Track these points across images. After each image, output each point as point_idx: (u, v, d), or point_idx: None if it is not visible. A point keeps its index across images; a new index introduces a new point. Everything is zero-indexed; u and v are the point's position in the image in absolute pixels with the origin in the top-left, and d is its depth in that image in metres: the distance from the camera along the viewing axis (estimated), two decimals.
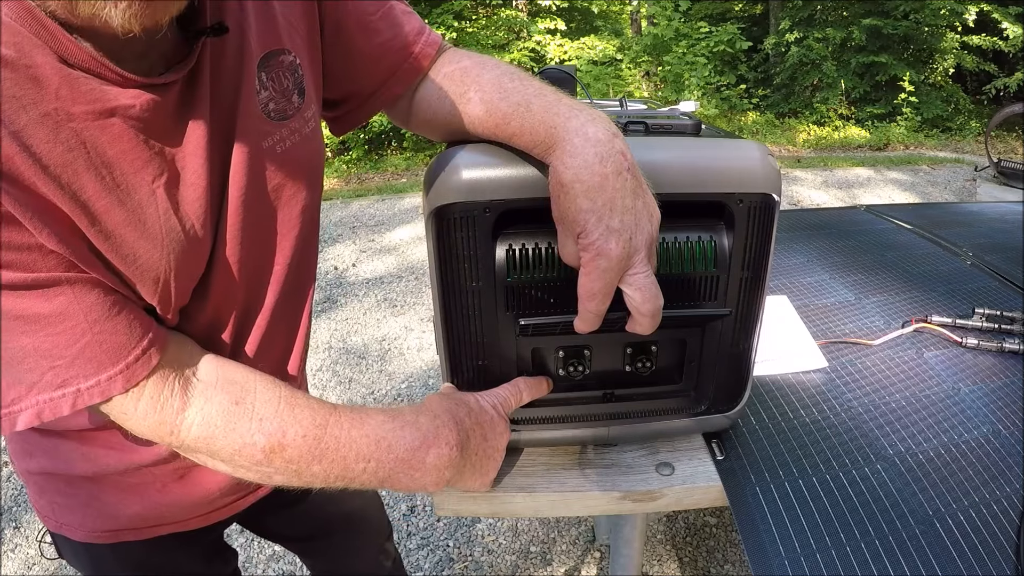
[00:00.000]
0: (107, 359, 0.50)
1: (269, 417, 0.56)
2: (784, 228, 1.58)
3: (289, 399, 0.58)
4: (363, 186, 6.52)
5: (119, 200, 0.50)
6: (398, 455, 0.59)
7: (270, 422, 0.56)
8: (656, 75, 9.07)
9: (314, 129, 0.66)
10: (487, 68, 0.66)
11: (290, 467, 0.57)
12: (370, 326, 3.33)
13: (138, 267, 0.52)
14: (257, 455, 0.56)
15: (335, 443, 0.57)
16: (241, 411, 0.56)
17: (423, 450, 0.60)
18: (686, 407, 0.76)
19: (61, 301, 0.48)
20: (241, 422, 0.55)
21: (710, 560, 1.84)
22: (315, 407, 0.59)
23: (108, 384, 0.51)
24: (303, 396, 0.60)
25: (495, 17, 8.58)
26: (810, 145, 7.80)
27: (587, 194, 0.54)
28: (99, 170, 0.48)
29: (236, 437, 0.55)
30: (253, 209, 0.61)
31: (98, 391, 0.50)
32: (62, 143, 0.46)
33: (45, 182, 0.45)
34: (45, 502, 0.76)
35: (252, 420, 0.56)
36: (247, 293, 0.65)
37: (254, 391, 0.57)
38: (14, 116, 0.43)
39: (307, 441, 0.56)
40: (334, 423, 0.58)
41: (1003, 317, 1.09)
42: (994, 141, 6.87)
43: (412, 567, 1.88)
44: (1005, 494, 0.74)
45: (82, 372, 0.49)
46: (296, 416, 0.57)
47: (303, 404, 0.58)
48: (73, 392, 0.50)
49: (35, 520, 2.07)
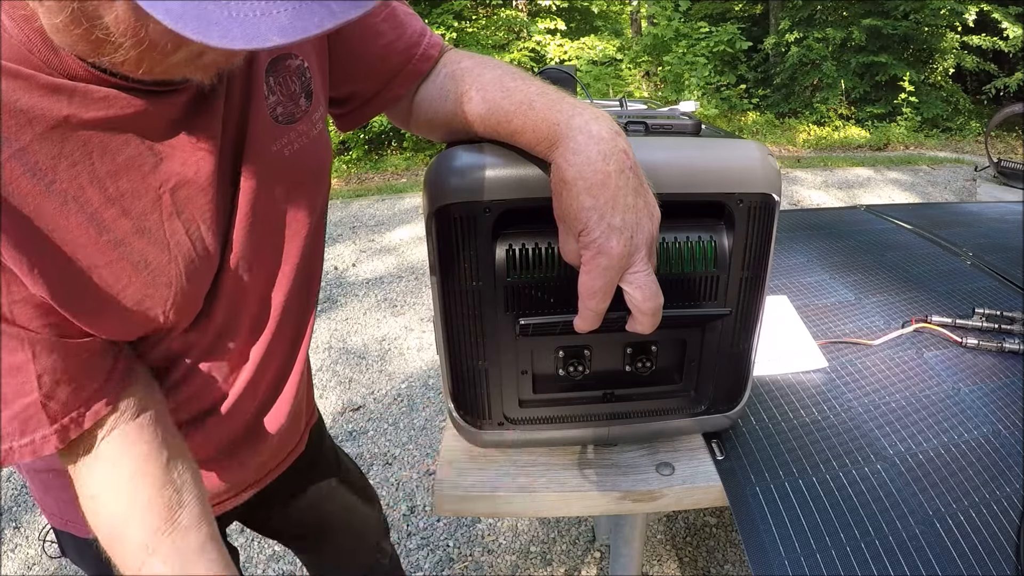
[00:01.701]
0: (45, 419, 0.52)
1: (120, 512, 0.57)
2: (784, 228, 1.58)
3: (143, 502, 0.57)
4: (363, 186, 6.52)
5: (124, 209, 0.51)
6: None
7: (117, 516, 0.57)
8: (656, 75, 9.07)
9: (321, 131, 0.67)
10: (488, 68, 0.66)
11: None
12: (370, 326, 3.33)
13: (150, 273, 0.53)
14: (99, 535, 0.58)
15: None
16: (113, 486, 0.57)
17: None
18: (686, 407, 0.76)
19: (20, 357, 0.49)
20: (110, 501, 0.57)
21: (710, 560, 1.84)
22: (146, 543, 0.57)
23: (42, 443, 0.52)
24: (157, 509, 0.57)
25: (495, 17, 8.58)
26: (810, 145, 7.80)
27: (589, 191, 0.54)
28: (103, 181, 0.49)
29: (90, 512, 0.57)
30: (262, 212, 0.61)
31: (29, 450, 0.52)
32: (67, 157, 0.47)
33: (50, 200, 0.46)
34: (51, 499, 0.76)
35: (115, 502, 0.57)
36: (258, 297, 0.66)
37: (173, 475, 0.57)
38: (19, 133, 0.44)
39: (128, 563, 0.57)
40: (154, 562, 0.56)
41: (1003, 317, 1.09)
42: (994, 141, 6.87)
43: (412, 567, 1.88)
44: (1005, 494, 0.74)
45: (19, 429, 0.51)
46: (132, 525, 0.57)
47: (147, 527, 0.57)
48: (4, 449, 0.51)
49: (35, 520, 2.07)
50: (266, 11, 0.35)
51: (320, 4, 0.36)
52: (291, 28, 0.35)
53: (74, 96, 0.46)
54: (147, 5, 0.34)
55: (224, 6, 0.34)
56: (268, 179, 0.61)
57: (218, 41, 0.34)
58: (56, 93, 0.45)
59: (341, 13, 0.36)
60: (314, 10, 0.35)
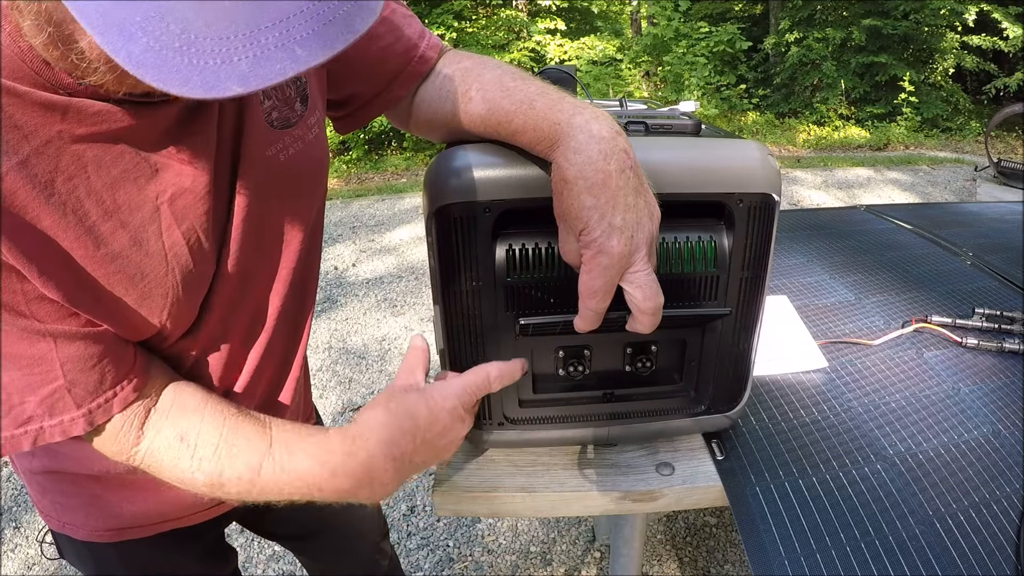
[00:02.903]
0: (72, 403, 0.52)
1: (208, 457, 0.57)
2: (784, 228, 1.58)
3: (229, 438, 0.58)
4: (363, 186, 6.52)
5: (122, 222, 0.51)
6: (329, 496, 0.60)
7: (208, 462, 0.57)
8: (656, 75, 9.08)
9: (317, 135, 0.67)
10: (488, 68, 0.66)
11: (232, 497, 0.59)
12: (370, 326, 3.33)
13: (146, 284, 0.53)
14: (200, 488, 0.58)
15: (269, 485, 0.58)
16: (184, 447, 0.57)
17: (353, 492, 0.60)
18: (686, 407, 0.76)
19: (42, 347, 0.49)
20: (183, 459, 0.57)
21: (710, 560, 1.84)
22: (252, 448, 0.58)
23: (70, 425, 0.52)
24: (243, 433, 0.58)
25: (495, 17, 8.58)
26: (810, 145, 7.80)
27: (590, 191, 0.54)
28: (100, 194, 0.49)
29: (179, 472, 0.57)
30: (259, 218, 0.61)
31: (59, 430, 0.52)
32: (63, 172, 0.47)
33: (49, 212, 0.46)
34: (48, 502, 0.76)
35: (192, 458, 0.57)
36: (254, 301, 0.66)
37: (199, 426, 0.57)
38: (18, 146, 0.44)
39: (242, 483, 0.58)
40: (267, 465, 0.58)
41: (1003, 317, 1.09)
42: (994, 141, 6.87)
43: (412, 567, 1.88)
44: (1005, 494, 0.74)
45: (47, 411, 0.51)
46: (232, 458, 0.57)
47: (242, 445, 0.58)
48: (35, 429, 0.52)
49: (35, 520, 2.07)
50: (226, 59, 0.34)
51: (283, 51, 0.35)
52: (251, 76, 0.34)
53: (67, 112, 0.46)
54: (109, 50, 0.34)
55: (184, 53, 0.34)
56: (264, 184, 0.61)
57: (178, 89, 0.34)
58: (50, 110, 0.45)
59: (305, 58, 0.35)
60: (276, 57, 0.35)
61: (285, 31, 0.35)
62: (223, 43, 0.34)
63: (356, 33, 0.37)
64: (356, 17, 0.38)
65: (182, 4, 0.34)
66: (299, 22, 0.36)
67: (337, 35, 0.37)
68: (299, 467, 0.58)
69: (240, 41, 0.34)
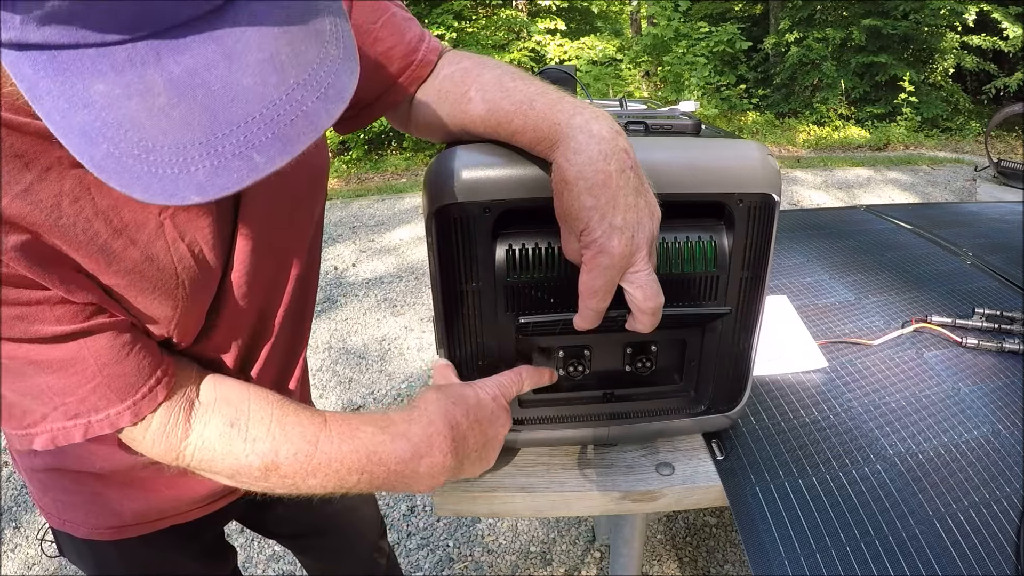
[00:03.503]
0: (115, 396, 0.52)
1: (261, 438, 0.57)
2: (784, 228, 1.58)
3: (280, 417, 0.58)
4: (363, 186, 6.52)
5: (131, 239, 0.51)
6: (390, 467, 0.59)
7: (263, 443, 0.56)
8: (656, 75, 9.07)
9: (318, 142, 0.67)
10: (488, 68, 0.66)
11: (286, 482, 0.58)
12: (370, 326, 3.33)
13: (155, 299, 0.54)
14: (254, 473, 0.57)
15: (326, 459, 0.58)
16: (235, 433, 0.56)
17: (415, 461, 0.60)
18: (686, 407, 0.76)
19: (72, 347, 0.49)
20: (236, 444, 0.56)
21: (710, 560, 1.84)
22: (306, 423, 0.58)
23: (117, 418, 0.53)
24: (294, 411, 0.59)
25: (495, 17, 8.57)
26: (810, 145, 7.79)
27: (590, 191, 0.54)
28: (107, 214, 0.49)
29: (232, 460, 0.57)
30: (262, 227, 0.62)
31: (107, 423, 0.52)
32: (67, 195, 0.47)
33: (60, 233, 0.46)
34: (49, 499, 0.77)
35: (246, 442, 0.56)
36: (258, 308, 0.67)
37: (247, 411, 0.57)
38: (19, 176, 0.44)
39: (299, 459, 0.57)
40: (324, 439, 0.58)
41: (1003, 317, 1.09)
42: (994, 141, 6.87)
43: (412, 567, 1.88)
44: (1005, 494, 0.74)
45: (93, 407, 0.52)
46: (287, 434, 0.57)
47: (293, 421, 0.58)
48: (84, 423, 0.52)
49: (35, 520, 2.07)
50: (183, 168, 0.34)
51: (240, 159, 0.34)
52: (208, 186, 0.34)
53: None
54: (73, 151, 0.34)
55: (143, 160, 0.34)
56: (267, 193, 0.61)
57: (140, 195, 0.34)
58: (48, 138, 0.44)
59: (263, 165, 0.35)
60: (232, 166, 0.34)
61: (243, 137, 0.35)
62: (180, 152, 0.34)
63: (319, 129, 0.37)
64: (321, 110, 0.37)
65: (138, 110, 0.34)
66: (259, 125, 0.35)
67: (299, 134, 0.36)
68: (360, 435, 0.58)
69: (196, 150, 0.34)
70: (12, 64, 0.34)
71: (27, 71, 0.34)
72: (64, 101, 0.34)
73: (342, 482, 0.59)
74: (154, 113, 0.34)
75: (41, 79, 0.34)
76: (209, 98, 0.34)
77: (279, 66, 0.36)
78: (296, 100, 0.36)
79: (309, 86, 0.37)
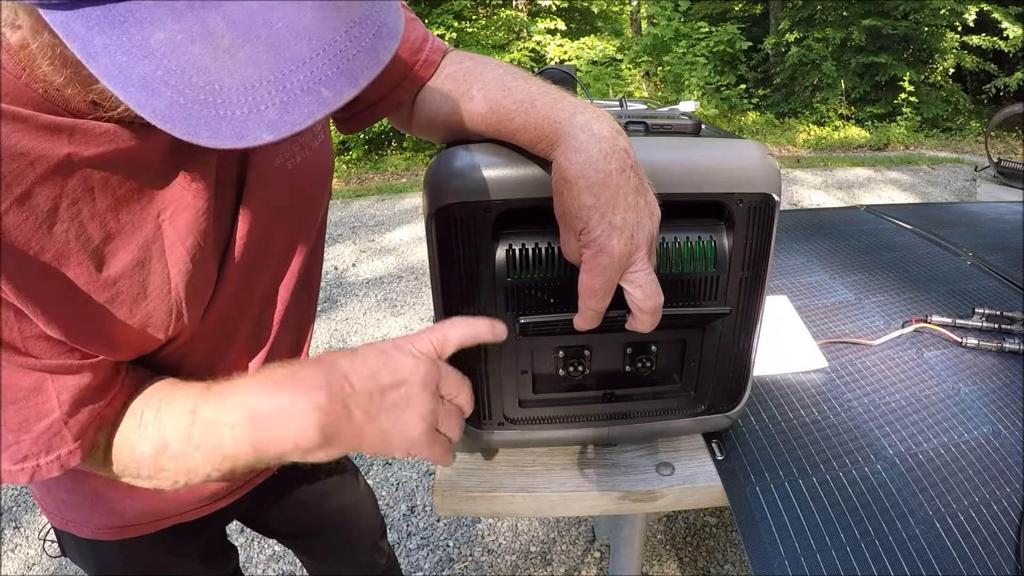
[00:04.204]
0: (69, 436, 0.51)
1: (151, 422, 0.54)
2: (784, 228, 1.58)
3: (168, 396, 0.55)
4: (363, 186, 6.52)
5: (124, 242, 0.50)
6: (267, 428, 0.51)
7: (152, 426, 0.54)
8: (656, 75, 9.07)
9: (323, 142, 0.67)
10: (489, 68, 0.66)
11: (180, 461, 0.54)
12: (370, 326, 3.33)
13: (148, 303, 0.53)
14: (148, 461, 0.54)
15: (209, 425, 0.53)
16: (132, 422, 0.55)
17: (288, 411, 0.51)
18: (686, 407, 0.76)
19: (36, 379, 0.48)
20: (132, 434, 0.54)
21: (710, 560, 1.84)
22: (186, 394, 0.55)
23: (68, 458, 0.51)
24: (181, 387, 0.56)
25: (495, 17, 8.58)
26: (810, 145, 7.79)
27: (591, 190, 0.53)
28: (103, 216, 0.49)
29: (130, 453, 0.54)
30: (265, 228, 0.61)
31: (56, 465, 0.51)
32: (68, 196, 0.46)
33: (52, 243, 0.46)
34: (51, 500, 0.77)
35: (139, 427, 0.54)
36: (257, 311, 0.66)
37: (146, 400, 0.55)
38: (21, 176, 0.43)
39: (183, 432, 0.53)
40: (203, 407, 0.53)
41: (1003, 317, 1.09)
42: (994, 141, 6.87)
43: (412, 567, 1.88)
44: (1005, 494, 0.74)
45: (44, 448, 0.50)
46: (171, 413, 0.54)
47: (176, 396, 0.55)
48: (32, 467, 0.50)
49: (35, 520, 2.07)
50: (253, 107, 0.34)
51: (309, 94, 0.35)
52: (280, 123, 0.34)
53: (74, 134, 0.45)
54: (133, 105, 0.33)
55: (210, 105, 0.33)
56: (272, 195, 0.61)
57: (207, 141, 0.34)
58: (56, 133, 0.44)
59: (331, 99, 0.35)
60: (302, 101, 0.34)
61: (309, 73, 0.35)
62: (248, 91, 0.34)
63: (380, 64, 0.37)
64: (379, 46, 0.37)
65: (202, 54, 0.34)
66: (323, 61, 0.35)
67: (362, 69, 0.36)
68: (237, 395, 0.53)
69: (265, 88, 0.34)
70: (63, 25, 0.34)
71: (79, 29, 0.34)
72: (122, 54, 0.33)
73: (238, 452, 0.53)
74: (219, 55, 0.34)
75: (95, 35, 0.34)
76: (273, 37, 0.34)
77: (335, 6, 0.36)
78: (355, 37, 0.36)
79: (364, 24, 0.37)
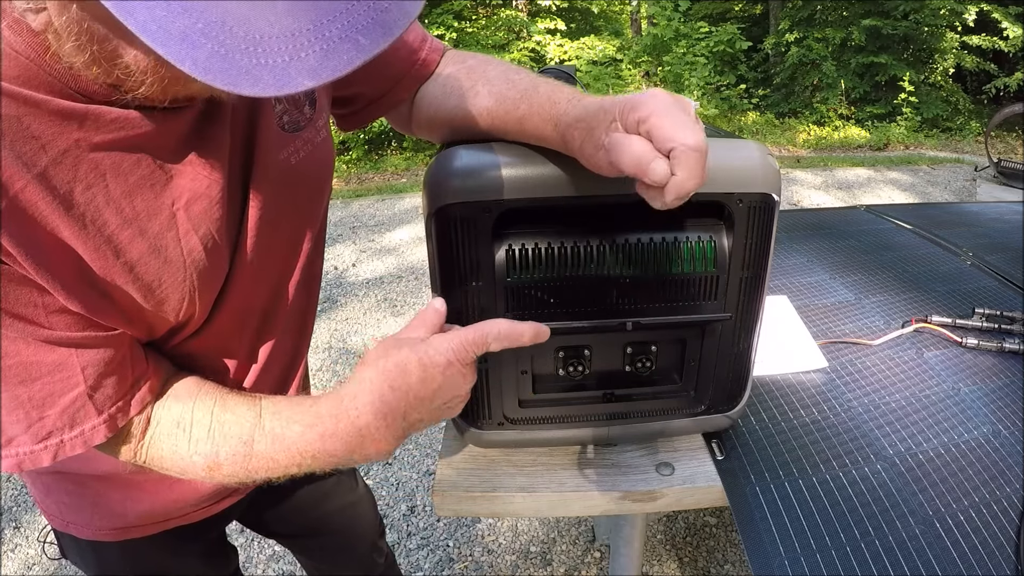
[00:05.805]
0: (93, 410, 0.52)
1: (203, 439, 0.57)
2: (784, 228, 1.58)
3: (219, 416, 0.57)
4: (363, 186, 6.52)
5: (140, 230, 0.51)
6: (325, 462, 0.58)
7: (204, 443, 0.57)
8: (656, 75, 9.07)
9: (325, 138, 0.67)
10: (492, 65, 0.68)
11: (234, 477, 0.58)
12: (370, 326, 3.33)
13: (163, 290, 0.54)
14: (200, 471, 0.57)
15: (262, 458, 0.57)
16: (180, 433, 0.57)
17: (346, 456, 0.58)
18: (686, 407, 0.76)
19: (62, 354, 0.49)
20: (181, 445, 0.57)
21: (710, 560, 1.84)
22: (242, 421, 0.57)
23: (91, 433, 0.52)
24: (232, 408, 0.58)
25: (495, 17, 8.57)
26: (810, 145, 7.79)
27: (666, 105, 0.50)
28: (119, 203, 0.49)
29: (179, 460, 0.57)
30: (271, 220, 0.62)
31: (80, 441, 0.52)
32: (82, 181, 0.47)
33: (69, 224, 0.46)
34: (52, 501, 0.77)
35: (190, 442, 0.57)
36: (266, 299, 0.67)
37: (192, 410, 0.57)
38: (35, 158, 0.44)
39: (237, 459, 0.57)
40: (259, 438, 0.57)
41: (1003, 317, 1.09)
42: (994, 141, 6.87)
43: (412, 567, 1.88)
44: (1005, 494, 0.74)
45: (69, 423, 0.51)
46: (225, 435, 0.57)
47: (231, 420, 0.57)
48: (56, 444, 0.51)
49: (35, 520, 2.07)
50: (294, 55, 0.35)
51: (347, 41, 0.35)
52: (321, 69, 0.35)
53: (85, 120, 0.46)
54: (173, 59, 0.34)
55: (252, 54, 0.34)
56: (277, 187, 0.61)
57: (248, 90, 0.34)
58: (67, 118, 0.45)
59: (369, 46, 0.36)
60: (342, 49, 0.35)
61: (347, 22, 0.36)
62: (289, 39, 0.35)
63: (411, 16, 0.38)
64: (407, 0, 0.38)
65: (241, 6, 0.34)
66: (359, 11, 0.36)
67: (395, 20, 0.37)
68: (290, 435, 0.57)
69: (305, 36, 0.35)
70: None
71: None
72: (161, 9, 0.34)
73: (286, 472, 0.59)
74: (258, 7, 0.34)
75: None
76: None
77: None
78: None
79: None
